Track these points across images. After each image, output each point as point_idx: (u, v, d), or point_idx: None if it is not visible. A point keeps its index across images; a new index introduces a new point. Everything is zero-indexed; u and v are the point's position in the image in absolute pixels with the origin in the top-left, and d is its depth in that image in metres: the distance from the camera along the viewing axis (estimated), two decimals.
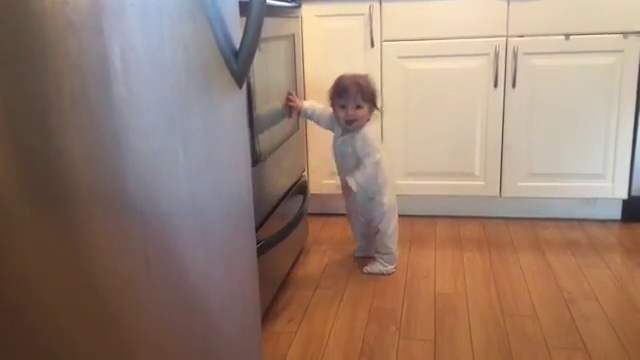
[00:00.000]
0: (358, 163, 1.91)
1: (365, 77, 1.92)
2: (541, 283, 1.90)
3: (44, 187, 0.58)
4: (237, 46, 0.98)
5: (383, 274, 2.00)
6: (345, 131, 1.92)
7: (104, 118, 0.64)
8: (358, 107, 1.88)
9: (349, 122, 1.89)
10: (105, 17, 0.63)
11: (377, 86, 1.96)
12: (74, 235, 0.62)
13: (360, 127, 1.89)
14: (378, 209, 1.97)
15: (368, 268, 2.00)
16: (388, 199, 1.98)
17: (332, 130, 2.00)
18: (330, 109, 1.96)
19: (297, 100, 1.98)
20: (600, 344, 1.54)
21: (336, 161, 2.01)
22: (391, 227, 2.01)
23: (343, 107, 1.89)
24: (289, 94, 1.96)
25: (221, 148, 0.96)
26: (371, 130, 1.92)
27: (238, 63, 0.98)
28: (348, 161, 1.94)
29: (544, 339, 1.58)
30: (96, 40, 0.61)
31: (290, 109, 1.95)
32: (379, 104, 1.96)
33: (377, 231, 2.00)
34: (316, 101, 2.06)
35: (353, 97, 1.87)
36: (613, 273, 1.96)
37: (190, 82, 0.83)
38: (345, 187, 1.97)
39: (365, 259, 2.10)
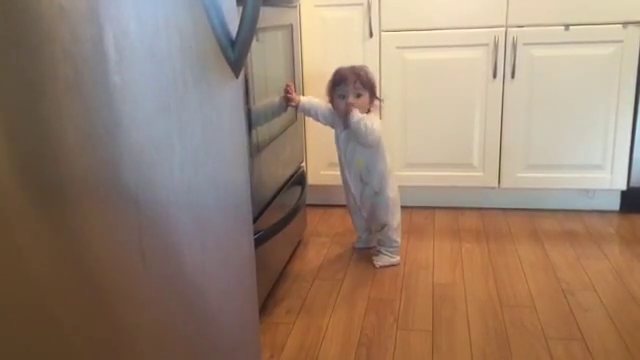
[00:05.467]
0: (365, 157, 1.91)
1: (363, 67, 1.91)
2: (539, 274, 1.90)
3: (37, 176, 0.57)
4: (234, 35, 0.97)
5: (393, 265, 1.99)
6: (347, 124, 1.91)
7: (98, 106, 0.63)
8: (358, 96, 1.87)
9: (349, 112, 1.87)
10: (98, 3, 0.62)
11: (375, 77, 1.94)
12: (68, 224, 0.61)
13: None
14: (383, 203, 1.97)
15: (379, 262, 2.00)
16: (393, 193, 1.98)
17: (332, 126, 1.99)
18: (329, 105, 1.95)
19: (295, 93, 1.97)
20: (598, 335, 1.55)
21: (340, 157, 2.00)
22: (396, 221, 2.00)
23: (342, 97, 1.88)
24: (287, 85, 1.95)
25: (218, 138, 0.95)
26: (372, 118, 1.90)
27: (235, 52, 0.97)
28: (353, 155, 1.94)
29: (542, 330, 1.58)
30: (89, 27, 0.60)
31: (287, 100, 1.94)
32: (378, 94, 1.95)
33: (383, 225, 1.99)
34: (314, 95, 2.04)
35: (352, 85, 1.86)
36: (611, 264, 1.96)
37: (186, 71, 0.82)
38: (348, 182, 1.98)
39: (365, 250, 2.10)
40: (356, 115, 1.84)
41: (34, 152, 0.56)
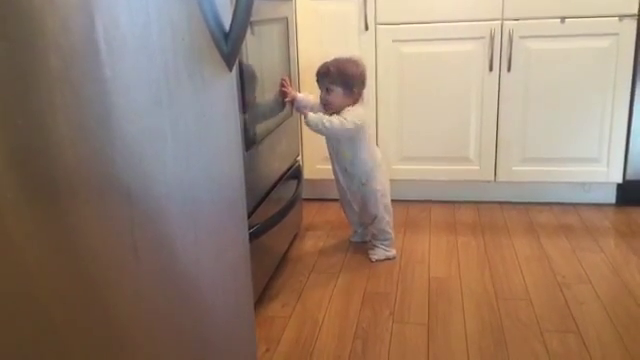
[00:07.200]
0: (349, 149, 1.91)
1: (339, 60, 1.90)
2: (535, 267, 1.90)
3: (28, 168, 0.57)
4: (227, 27, 0.97)
5: (389, 259, 1.99)
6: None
7: (88, 98, 0.62)
8: (329, 91, 1.88)
9: (325, 106, 1.90)
10: None
11: (356, 69, 1.90)
12: (60, 217, 0.61)
13: (337, 113, 1.88)
14: (372, 195, 1.97)
15: (375, 256, 2.00)
16: (381, 185, 1.97)
17: None
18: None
19: (290, 88, 1.97)
20: (593, 328, 1.55)
21: (328, 149, 2.00)
22: (387, 212, 2.00)
23: (320, 91, 1.92)
24: (283, 79, 1.94)
25: (211, 131, 0.94)
26: (351, 110, 1.88)
27: (228, 45, 0.96)
28: (338, 147, 1.95)
29: (537, 323, 1.58)
30: (78, 18, 0.60)
31: (283, 95, 1.94)
32: (360, 87, 1.91)
33: (374, 217, 1.99)
34: (310, 89, 2.04)
35: (321, 81, 1.90)
36: (607, 257, 1.96)
37: (178, 63, 0.82)
38: (337, 175, 1.98)
39: (361, 244, 2.10)
40: (308, 117, 1.84)
41: (25, 144, 0.56)
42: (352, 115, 1.86)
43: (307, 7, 2.32)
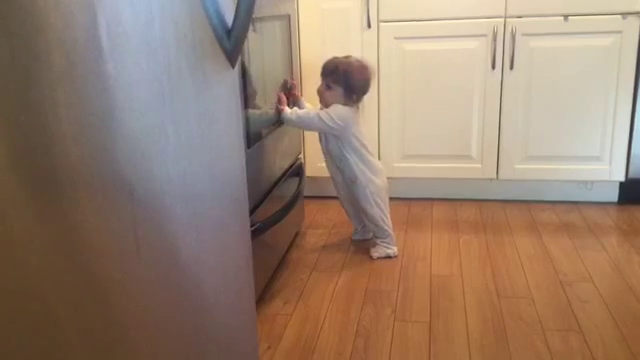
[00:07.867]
0: (335, 146, 1.93)
1: (350, 63, 1.90)
2: (537, 265, 1.90)
3: (30, 166, 0.57)
4: (230, 24, 0.96)
5: (390, 257, 1.99)
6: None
7: (90, 95, 0.62)
8: (328, 87, 1.90)
9: (320, 100, 1.93)
10: None
11: (363, 76, 1.89)
12: (61, 215, 0.60)
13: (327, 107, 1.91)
14: (362, 192, 1.96)
15: (375, 254, 2.00)
16: (370, 182, 1.96)
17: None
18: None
19: (297, 89, 1.99)
20: (596, 326, 1.55)
21: (322, 147, 2.01)
22: (381, 210, 1.98)
23: (321, 83, 1.93)
24: (288, 81, 1.95)
25: (214, 128, 0.94)
26: (338, 108, 1.90)
27: (230, 41, 0.96)
28: (328, 143, 1.97)
29: (540, 321, 1.58)
30: (82, 14, 0.60)
31: (287, 86, 1.94)
32: (360, 95, 1.92)
33: (368, 215, 1.99)
34: (312, 85, 2.04)
35: (324, 77, 1.90)
36: (609, 255, 1.96)
37: (181, 60, 0.81)
38: (332, 171, 2.02)
39: (363, 242, 2.10)
40: (283, 112, 1.86)
41: (27, 141, 0.56)
42: (335, 113, 1.87)
43: (309, 4, 2.32)
